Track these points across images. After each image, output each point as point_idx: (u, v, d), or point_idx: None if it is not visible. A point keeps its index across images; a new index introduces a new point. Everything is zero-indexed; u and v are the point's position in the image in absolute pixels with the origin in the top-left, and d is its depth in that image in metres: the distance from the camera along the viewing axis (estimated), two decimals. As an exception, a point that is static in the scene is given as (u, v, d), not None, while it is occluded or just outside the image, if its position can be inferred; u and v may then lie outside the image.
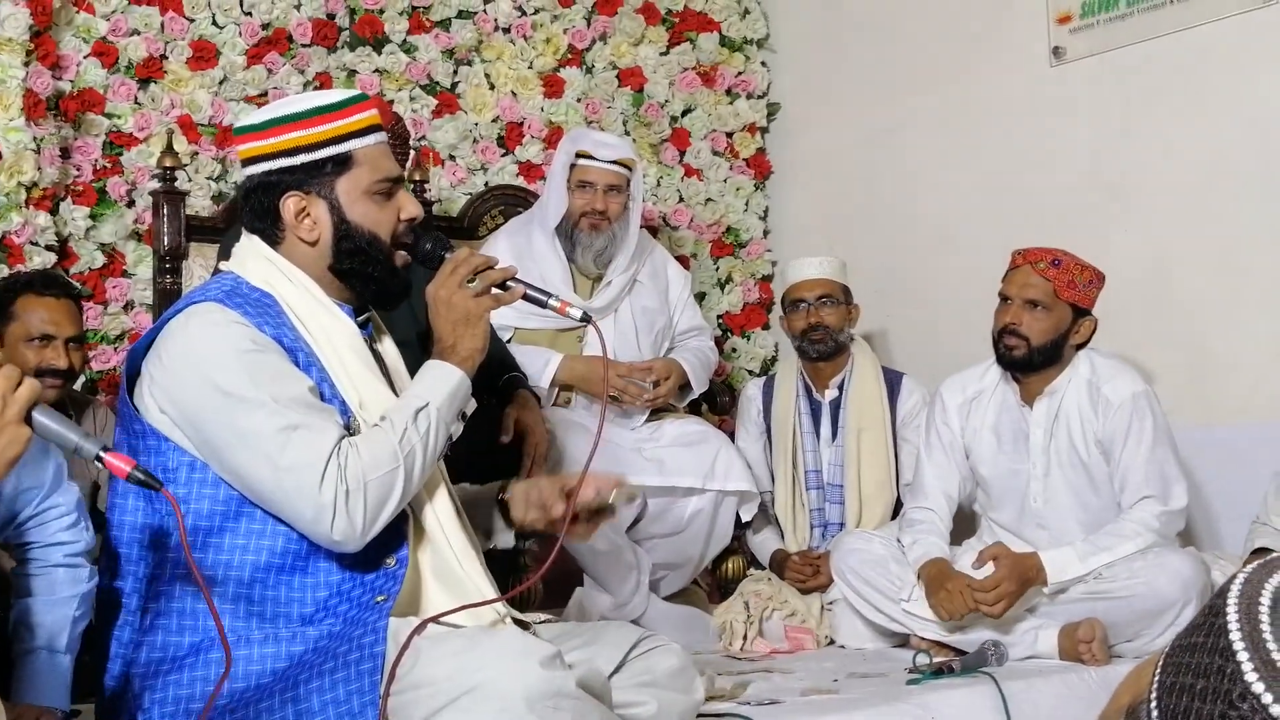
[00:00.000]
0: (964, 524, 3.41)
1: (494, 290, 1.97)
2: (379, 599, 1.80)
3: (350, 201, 1.93)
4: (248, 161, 1.95)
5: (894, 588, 3.03)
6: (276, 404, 1.78)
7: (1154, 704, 0.88)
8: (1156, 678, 0.89)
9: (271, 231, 1.95)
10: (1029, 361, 3.01)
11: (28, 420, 1.46)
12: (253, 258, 1.95)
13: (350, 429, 1.84)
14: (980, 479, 3.17)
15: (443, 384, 1.91)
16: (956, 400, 3.17)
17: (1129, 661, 2.81)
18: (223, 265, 2.00)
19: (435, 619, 1.81)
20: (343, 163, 1.92)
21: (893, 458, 3.51)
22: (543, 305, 2.04)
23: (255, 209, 1.95)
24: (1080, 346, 3.05)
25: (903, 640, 3.08)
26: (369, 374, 1.92)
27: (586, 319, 2.06)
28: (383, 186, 1.95)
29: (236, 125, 2.02)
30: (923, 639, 2.98)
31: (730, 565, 3.60)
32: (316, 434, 1.78)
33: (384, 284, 1.97)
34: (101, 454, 1.51)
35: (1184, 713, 0.84)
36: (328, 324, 1.92)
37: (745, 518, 3.45)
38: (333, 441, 1.78)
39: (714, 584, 3.62)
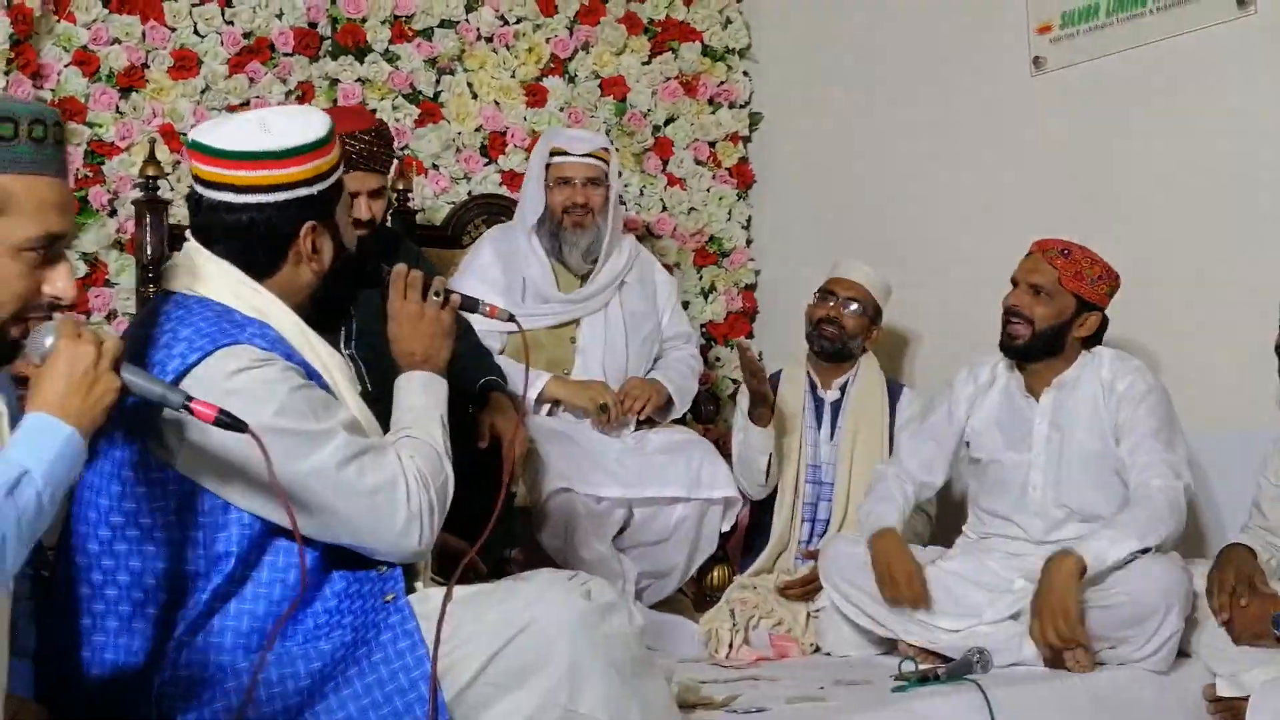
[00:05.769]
0: (951, 520, 3.42)
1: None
2: (387, 598, 1.82)
3: (344, 226, 1.95)
4: (255, 189, 1.83)
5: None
6: (344, 431, 1.80)
7: None
8: None
9: (267, 263, 1.86)
10: (1029, 347, 3.05)
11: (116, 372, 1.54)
12: (233, 284, 1.86)
13: None
14: (978, 467, 3.17)
15: (440, 394, 1.98)
16: (968, 390, 3.20)
17: (1113, 668, 2.82)
18: (186, 289, 1.86)
19: (455, 582, 1.84)
20: (339, 188, 1.94)
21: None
22: (473, 310, 2.12)
23: (259, 240, 1.85)
24: (1087, 343, 3.09)
25: (889, 647, 3.08)
26: (358, 399, 1.94)
27: (513, 320, 2.12)
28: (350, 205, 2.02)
29: (235, 150, 1.83)
30: (910, 645, 2.98)
31: (716, 574, 3.60)
32: (380, 453, 1.83)
33: (349, 304, 2.03)
34: (187, 403, 1.58)
35: None
36: (321, 352, 1.90)
37: (725, 528, 3.47)
38: (395, 457, 1.83)
39: (699, 593, 3.61)
